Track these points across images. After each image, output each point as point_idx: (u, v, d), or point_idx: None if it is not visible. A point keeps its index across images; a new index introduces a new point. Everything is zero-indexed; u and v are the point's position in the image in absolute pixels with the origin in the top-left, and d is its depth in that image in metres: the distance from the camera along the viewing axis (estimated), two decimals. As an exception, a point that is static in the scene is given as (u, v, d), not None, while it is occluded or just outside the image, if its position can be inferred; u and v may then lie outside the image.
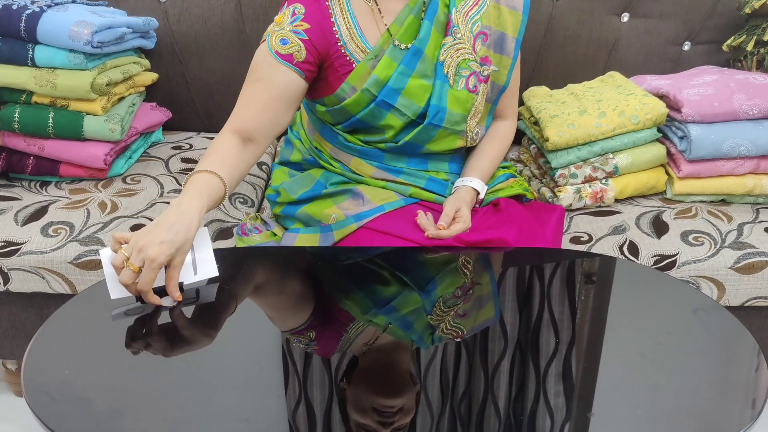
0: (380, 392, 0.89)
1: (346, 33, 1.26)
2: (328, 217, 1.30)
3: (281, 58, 1.22)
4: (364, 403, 0.87)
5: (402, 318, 1.06)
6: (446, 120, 1.30)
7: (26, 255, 1.34)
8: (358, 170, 1.36)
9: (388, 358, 0.97)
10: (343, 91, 1.28)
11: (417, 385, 0.90)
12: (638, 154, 1.55)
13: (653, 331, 1.02)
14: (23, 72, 1.49)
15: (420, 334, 1.03)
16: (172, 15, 1.81)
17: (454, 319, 1.04)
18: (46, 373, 0.90)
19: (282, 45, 1.22)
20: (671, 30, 1.86)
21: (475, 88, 1.31)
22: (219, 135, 1.22)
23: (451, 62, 1.28)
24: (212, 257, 1.08)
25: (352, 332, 1.02)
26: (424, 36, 1.28)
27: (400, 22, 1.28)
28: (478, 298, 1.14)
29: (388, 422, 0.83)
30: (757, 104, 1.50)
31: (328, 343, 1.00)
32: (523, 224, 1.29)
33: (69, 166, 1.54)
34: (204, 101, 1.90)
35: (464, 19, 1.30)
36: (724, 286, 1.38)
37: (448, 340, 1.00)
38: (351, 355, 0.97)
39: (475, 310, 1.09)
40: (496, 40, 1.33)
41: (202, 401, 0.87)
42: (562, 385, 0.91)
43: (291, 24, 1.23)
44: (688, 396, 0.90)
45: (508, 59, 1.36)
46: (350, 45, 1.27)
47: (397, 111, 1.28)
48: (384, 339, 1.01)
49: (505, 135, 1.44)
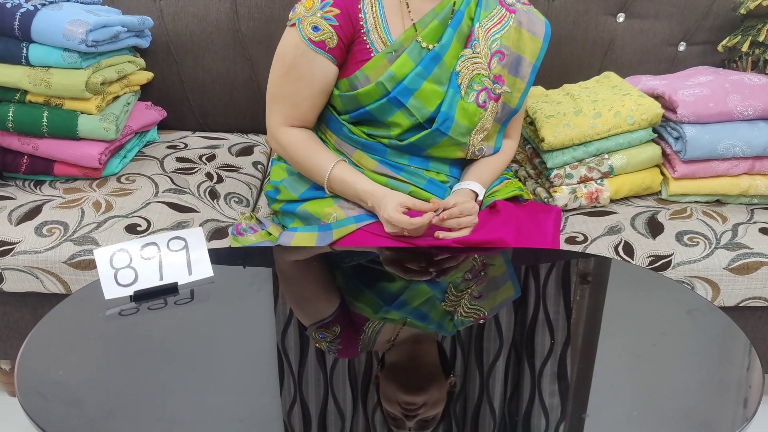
0: (402, 389, 0.90)
1: (371, 21, 1.27)
2: (329, 216, 1.30)
3: (315, 46, 1.25)
4: (390, 396, 0.88)
5: (416, 310, 1.07)
6: (453, 129, 1.30)
7: (20, 255, 1.33)
8: (360, 163, 1.36)
9: (412, 353, 0.98)
10: (357, 79, 1.28)
11: (450, 377, 0.92)
12: (633, 154, 1.55)
13: (648, 331, 1.02)
14: (17, 71, 1.48)
15: (438, 322, 1.04)
16: (167, 14, 1.81)
17: (470, 302, 1.05)
18: (40, 374, 0.89)
19: (314, 32, 1.24)
20: (667, 30, 1.86)
21: (484, 103, 1.32)
22: (286, 134, 1.33)
23: (466, 74, 1.30)
24: (207, 257, 1.08)
25: (370, 331, 1.02)
26: (446, 43, 1.29)
27: (424, 24, 1.29)
28: (493, 279, 1.15)
29: (411, 415, 0.85)
30: (752, 105, 1.50)
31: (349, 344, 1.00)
32: (521, 225, 1.29)
33: (63, 165, 1.53)
34: (199, 100, 1.90)
35: (485, 35, 1.31)
36: (718, 286, 1.38)
37: (470, 323, 1.00)
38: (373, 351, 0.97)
39: (493, 291, 1.11)
40: (512, 61, 1.35)
41: (197, 401, 0.87)
42: (557, 385, 0.91)
43: (321, 10, 1.24)
44: (682, 396, 0.90)
45: (522, 83, 1.37)
46: (373, 34, 1.27)
47: (407, 111, 1.29)
48: (405, 333, 1.01)
49: (506, 152, 1.46)
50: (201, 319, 1.04)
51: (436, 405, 0.87)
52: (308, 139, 1.33)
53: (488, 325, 1.03)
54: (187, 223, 1.43)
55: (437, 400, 0.88)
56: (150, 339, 0.99)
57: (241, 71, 1.86)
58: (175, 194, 1.52)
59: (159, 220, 1.42)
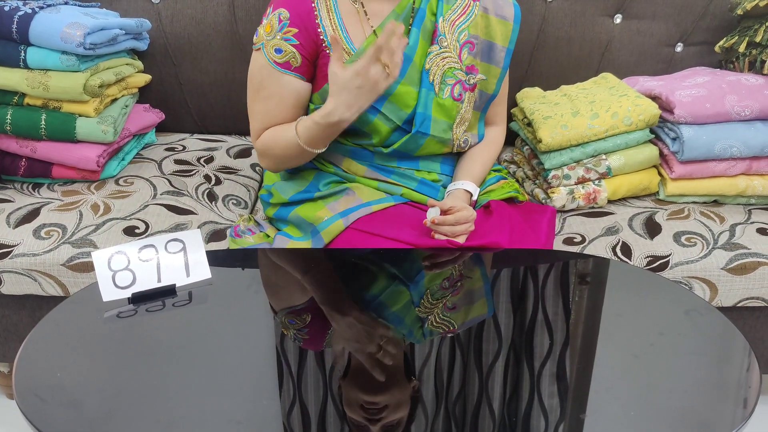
0: (364, 389, 0.89)
1: (331, 34, 1.26)
2: (320, 220, 1.30)
3: (280, 67, 1.26)
4: (352, 399, 0.87)
5: (390, 312, 1.06)
6: (432, 128, 1.30)
7: (18, 257, 1.33)
8: (349, 170, 1.36)
9: (377, 354, 0.97)
10: (326, 92, 1.28)
11: (411, 381, 0.90)
12: (631, 155, 1.55)
13: (646, 332, 1.02)
14: (15, 74, 1.48)
15: (410, 328, 1.03)
16: (165, 16, 1.81)
17: (443, 312, 1.05)
18: (38, 376, 0.89)
19: (277, 54, 1.25)
20: (664, 31, 1.86)
21: (460, 96, 1.32)
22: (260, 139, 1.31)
23: (437, 71, 1.29)
24: (205, 259, 1.08)
25: (340, 327, 1.02)
26: (413, 43, 1.28)
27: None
28: (469, 292, 1.14)
29: (374, 419, 0.83)
30: (749, 105, 1.51)
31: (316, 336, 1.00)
32: (514, 227, 1.29)
33: (61, 167, 1.53)
34: (197, 102, 1.90)
35: (451, 28, 1.30)
36: (716, 286, 1.38)
37: (439, 335, 1.00)
38: (341, 351, 0.97)
39: (467, 305, 1.10)
40: (483, 49, 1.34)
41: (195, 403, 0.87)
42: (556, 386, 0.91)
43: (280, 32, 1.25)
44: (680, 396, 0.90)
45: (497, 68, 1.36)
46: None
47: (383, 116, 1.28)
48: (374, 333, 1.00)
49: (495, 140, 1.45)
50: (199, 320, 1.04)
51: (400, 408, 0.86)
52: (272, 129, 1.31)
53: (487, 326, 1.03)
54: (185, 225, 1.43)
55: (400, 403, 0.87)
56: (148, 341, 0.99)
57: (238, 73, 1.86)
58: (173, 196, 1.52)
59: (157, 222, 1.42)
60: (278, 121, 1.30)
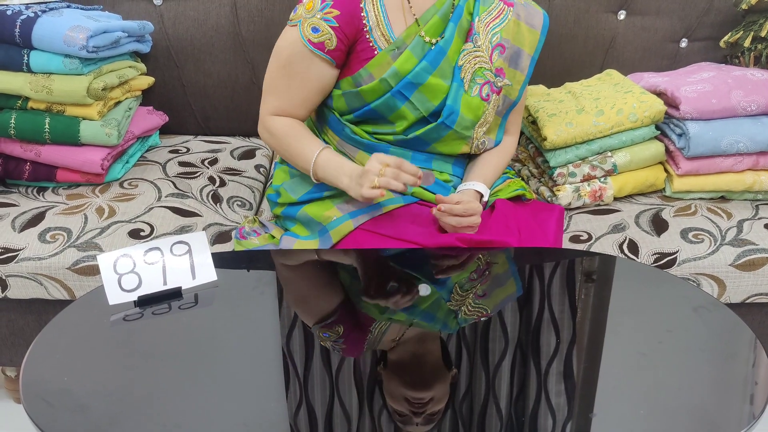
0: (410, 384, 0.91)
1: (373, 19, 1.27)
2: (328, 219, 1.30)
3: (314, 47, 1.25)
4: (396, 393, 0.89)
5: (422, 311, 1.07)
6: (458, 123, 1.31)
7: (24, 261, 1.33)
8: (363, 164, 1.36)
9: (418, 350, 0.98)
10: (361, 77, 1.29)
11: (452, 369, 0.93)
12: (637, 151, 1.55)
13: (654, 329, 1.02)
14: (19, 78, 1.48)
15: (443, 321, 1.04)
16: (167, 18, 1.81)
17: (474, 301, 1.06)
18: (45, 380, 0.89)
19: (314, 33, 1.25)
20: (668, 27, 1.86)
21: (488, 96, 1.32)
22: (273, 121, 1.32)
23: (469, 68, 1.30)
24: (210, 261, 1.07)
25: (376, 331, 1.02)
26: (449, 37, 1.29)
27: (425, 19, 1.30)
28: (495, 278, 1.16)
29: (419, 411, 0.86)
30: (755, 100, 1.50)
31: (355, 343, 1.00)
32: (523, 226, 1.29)
33: (66, 171, 1.53)
34: (201, 104, 1.90)
35: (485, 29, 1.31)
36: (724, 283, 1.38)
37: (473, 321, 1.01)
38: (380, 349, 0.98)
39: (495, 288, 1.12)
40: (512, 54, 1.35)
41: (202, 406, 0.86)
42: (564, 385, 0.90)
43: (321, 11, 1.25)
44: (689, 394, 0.90)
45: (521, 75, 1.38)
46: (375, 32, 1.28)
47: (411, 104, 1.29)
48: (411, 332, 1.02)
49: (507, 149, 1.45)
50: (205, 323, 1.03)
51: (442, 399, 0.89)
52: (295, 125, 1.33)
53: (493, 324, 1.03)
54: (190, 227, 1.43)
55: (443, 395, 0.89)
56: (154, 344, 0.99)
57: (241, 74, 1.86)
58: (178, 198, 1.52)
59: (162, 224, 1.42)
60: (296, 102, 1.31)
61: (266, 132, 1.35)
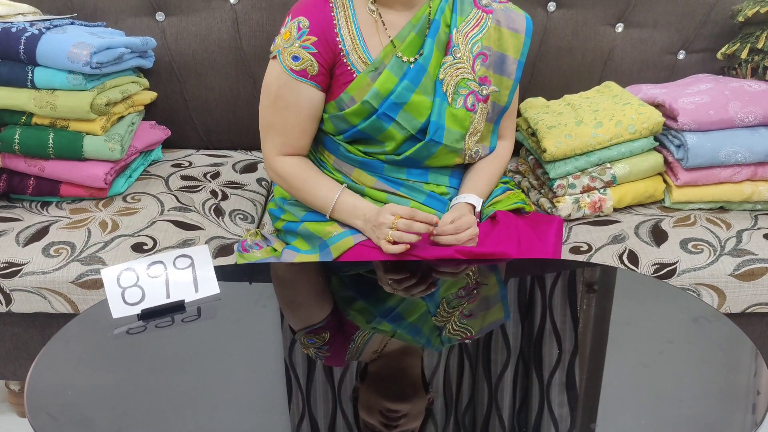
0: (386, 396, 0.90)
1: (349, 43, 1.28)
2: (329, 234, 1.30)
3: (297, 75, 1.27)
4: (372, 404, 0.88)
5: (408, 323, 1.07)
6: (445, 137, 1.31)
7: (28, 275, 1.34)
8: (359, 181, 1.37)
9: (397, 363, 0.98)
10: (342, 101, 1.30)
11: (429, 392, 0.91)
12: (636, 163, 1.55)
13: (655, 340, 1.02)
14: (23, 94, 1.49)
15: (427, 337, 1.04)
16: (169, 34, 1.83)
17: (460, 320, 1.06)
18: (49, 394, 0.90)
19: (294, 62, 1.27)
20: (666, 39, 1.87)
21: (473, 107, 1.33)
22: (281, 163, 1.34)
23: (450, 81, 1.30)
24: (213, 275, 1.08)
25: (359, 341, 1.03)
26: (428, 53, 1.30)
27: (402, 38, 1.30)
28: (485, 299, 1.15)
29: (392, 425, 0.85)
30: (752, 111, 1.51)
31: (337, 352, 1.01)
32: (522, 237, 1.29)
33: (69, 186, 1.54)
34: (203, 119, 1.91)
35: (464, 40, 1.32)
36: (724, 293, 1.38)
37: (456, 342, 1.00)
38: (360, 361, 0.97)
39: (483, 311, 1.11)
40: (495, 61, 1.35)
41: (205, 419, 0.87)
42: (566, 396, 0.91)
43: (299, 39, 1.26)
44: (690, 404, 0.90)
45: (509, 80, 1.38)
46: (352, 55, 1.28)
47: (398, 125, 1.30)
48: (393, 344, 1.02)
49: (502, 154, 1.46)
50: (208, 336, 1.04)
51: (416, 418, 0.87)
52: (305, 167, 1.35)
53: (495, 336, 1.03)
54: (192, 240, 1.43)
55: (418, 413, 0.88)
56: (158, 357, 0.99)
57: (243, 89, 1.87)
58: (181, 212, 1.52)
59: (165, 238, 1.43)
60: (295, 134, 1.32)
61: (275, 175, 1.36)
